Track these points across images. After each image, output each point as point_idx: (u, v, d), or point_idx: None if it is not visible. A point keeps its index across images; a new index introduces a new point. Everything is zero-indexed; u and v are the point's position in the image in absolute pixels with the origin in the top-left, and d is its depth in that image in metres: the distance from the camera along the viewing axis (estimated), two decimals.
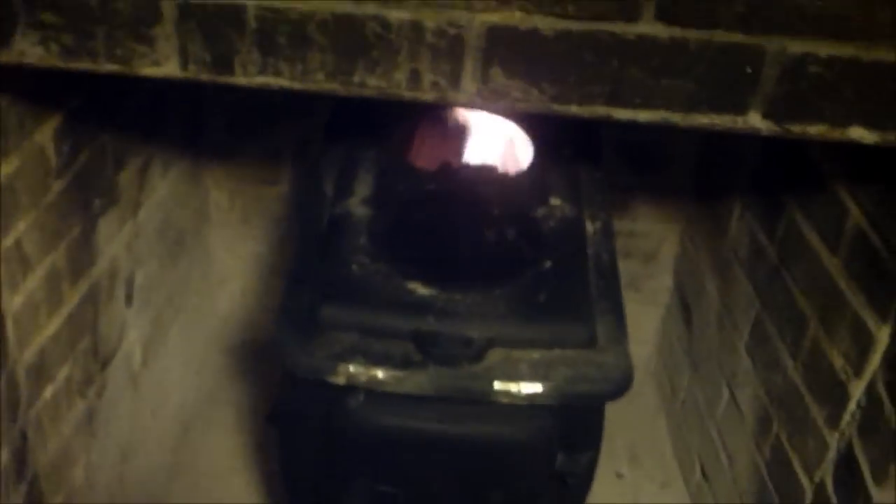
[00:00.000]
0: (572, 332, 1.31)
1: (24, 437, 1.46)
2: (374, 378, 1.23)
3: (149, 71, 1.12)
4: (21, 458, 1.45)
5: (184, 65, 1.11)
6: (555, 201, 1.49)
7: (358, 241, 1.38)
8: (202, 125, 2.12)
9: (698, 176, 2.23)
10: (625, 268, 2.22)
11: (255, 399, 2.26)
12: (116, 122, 1.66)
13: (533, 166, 1.49)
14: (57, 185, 1.48)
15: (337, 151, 1.54)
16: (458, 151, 1.50)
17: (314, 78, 1.10)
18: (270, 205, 2.25)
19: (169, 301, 2.06)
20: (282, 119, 2.09)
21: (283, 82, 1.11)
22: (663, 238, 2.27)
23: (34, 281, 1.45)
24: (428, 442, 1.31)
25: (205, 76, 1.12)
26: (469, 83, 1.11)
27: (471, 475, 1.35)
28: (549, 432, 1.32)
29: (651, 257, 2.28)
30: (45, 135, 1.41)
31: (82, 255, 1.61)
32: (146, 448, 1.98)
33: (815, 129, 1.14)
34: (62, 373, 1.58)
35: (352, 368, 1.23)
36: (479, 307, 1.31)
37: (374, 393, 1.27)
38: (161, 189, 1.94)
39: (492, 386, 1.25)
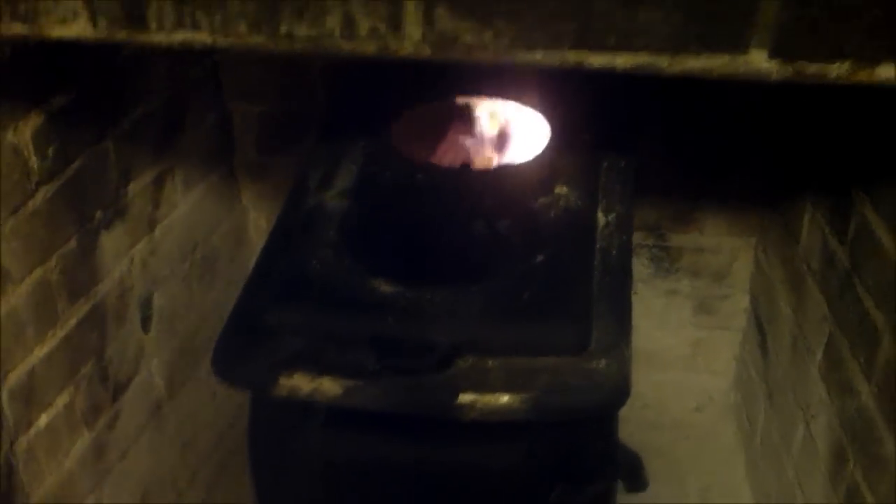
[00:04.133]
0: (558, 335, 1.15)
1: (9, 465, 1.39)
2: (321, 390, 1.08)
3: (58, 31, 1.03)
4: (6, 489, 1.38)
5: (93, 21, 1.03)
6: (560, 190, 1.33)
7: (326, 235, 1.26)
8: (231, 139, 2.03)
9: (768, 178, 2.02)
10: (694, 288, 2.07)
11: None
12: (121, 128, 1.60)
13: (542, 153, 1.33)
14: (43, 192, 1.41)
15: (328, 144, 1.43)
16: (456, 139, 1.36)
17: (236, 30, 1.00)
18: None
19: (201, 327, 1.96)
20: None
21: (203, 38, 1.01)
22: (735, 253, 2.07)
23: (17, 296, 1.38)
24: (401, 471, 1.18)
25: (119, 35, 1.03)
26: (413, 28, 0.98)
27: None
28: (540, 457, 1.15)
29: (722, 275, 2.08)
30: (21, 136, 1.35)
31: (81, 271, 1.54)
32: (174, 486, 1.89)
33: (836, 70, 0.94)
34: (61, 399, 1.51)
35: (295, 381, 1.08)
36: (450, 307, 1.16)
37: (337, 412, 1.11)
38: (183, 205, 1.86)
39: (455, 398, 1.08)
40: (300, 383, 1.09)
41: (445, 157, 1.36)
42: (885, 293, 1.44)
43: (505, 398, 1.09)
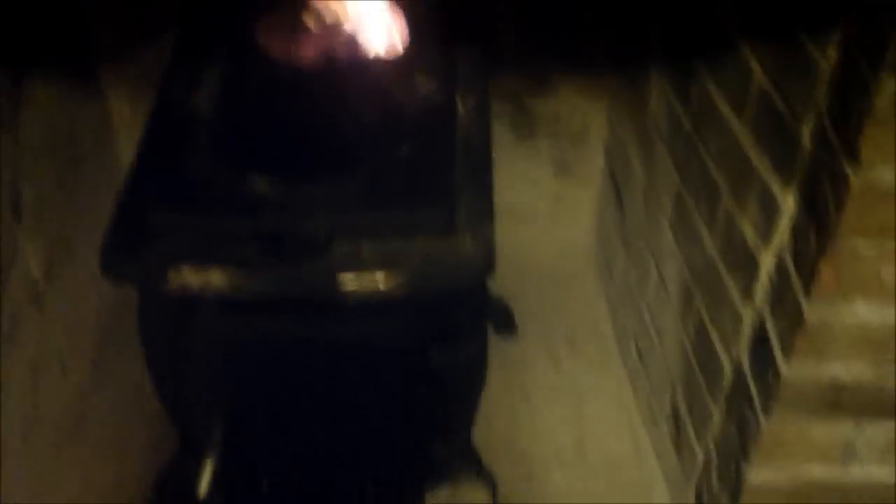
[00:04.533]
0: (426, 217, 1.24)
1: None
2: (210, 283, 1.16)
3: None
4: None
5: None
6: (420, 80, 1.40)
7: (197, 139, 1.31)
8: (86, 27, 2.01)
9: (616, 45, 2.12)
10: (553, 151, 2.18)
11: None
12: None
13: (399, 47, 1.39)
14: None
15: (192, 42, 1.47)
16: (315, 35, 1.39)
17: None
18: None
19: (74, 215, 1.99)
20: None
21: None
22: (590, 117, 2.17)
23: None
24: (288, 351, 1.27)
25: None
26: None
27: (341, 383, 1.31)
28: (412, 326, 1.27)
29: (579, 139, 2.19)
30: None
31: None
32: (61, 364, 1.95)
33: None
34: None
35: (185, 274, 1.17)
36: (324, 199, 1.25)
37: (224, 302, 1.20)
38: (45, 99, 1.86)
39: (336, 280, 1.18)
40: (189, 278, 1.16)
41: (306, 53, 1.39)
42: (725, 154, 1.59)
43: (379, 278, 1.18)
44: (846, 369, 1.42)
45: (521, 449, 1.79)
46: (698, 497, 1.79)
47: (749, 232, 1.52)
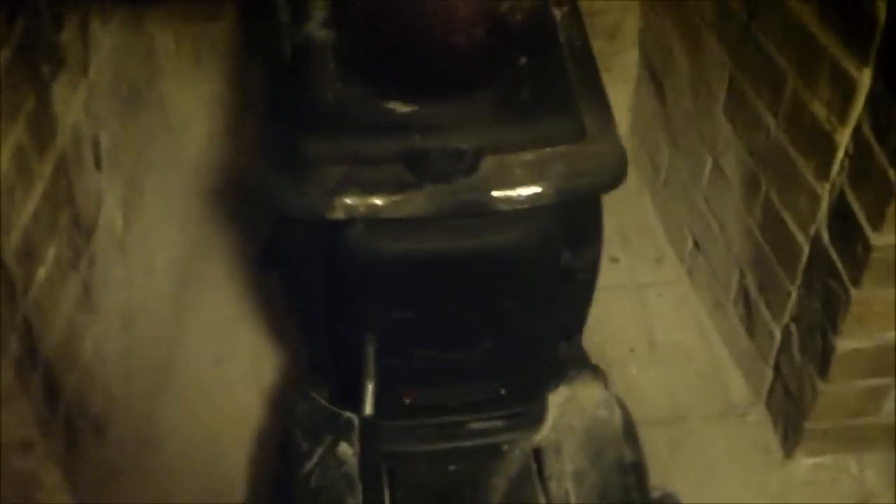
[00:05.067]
0: (561, 127, 1.28)
1: (27, 323, 1.45)
2: (373, 206, 1.20)
3: None
4: (29, 345, 1.44)
5: None
6: None
7: (327, 67, 1.32)
8: None
9: None
10: None
11: (243, 244, 2.26)
12: None
13: None
14: (1, 58, 1.42)
15: None
16: None
17: None
18: (219, 41, 2.19)
19: (138, 158, 2.02)
20: None
21: None
22: (624, 12, 2.21)
23: (2, 162, 1.41)
24: (435, 261, 1.30)
25: None
26: None
27: (482, 288, 1.34)
28: (552, 232, 1.31)
29: (614, 34, 2.23)
30: None
31: (43, 126, 1.57)
32: (146, 312, 1.98)
33: None
34: (50, 252, 1.56)
35: (348, 200, 1.20)
36: (464, 117, 1.28)
37: (371, 221, 1.23)
38: (105, 42, 1.88)
39: (490, 195, 1.22)
40: (354, 203, 1.21)
41: None
42: (788, 38, 1.63)
43: (530, 188, 1.23)
44: None
45: (597, 345, 1.84)
46: (776, 372, 1.88)
47: (821, 112, 1.57)
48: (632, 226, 2.29)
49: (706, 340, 2.09)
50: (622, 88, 2.34)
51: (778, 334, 1.85)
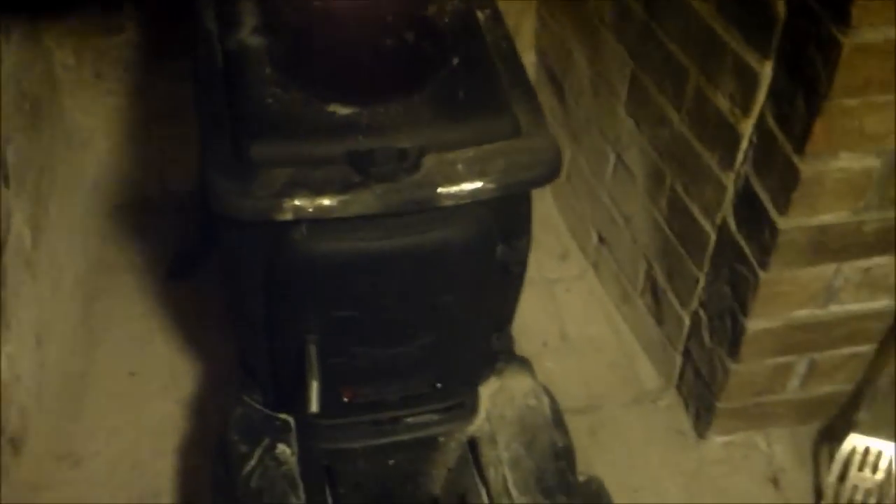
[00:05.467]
0: (498, 124, 1.32)
1: None
2: (321, 207, 1.21)
3: None
4: None
5: None
6: None
7: (263, 72, 1.33)
8: None
9: None
10: None
11: (150, 259, 2.23)
12: None
13: None
14: None
15: None
16: None
17: None
18: (121, 55, 2.15)
19: (42, 174, 1.99)
20: None
21: None
22: (520, 15, 2.26)
23: None
24: (378, 260, 1.32)
25: None
26: None
27: (424, 284, 1.37)
28: (490, 226, 1.34)
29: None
30: None
31: None
32: (57, 328, 1.97)
33: None
34: None
35: (297, 202, 1.21)
36: (404, 117, 1.30)
37: (316, 221, 1.25)
38: (8, 57, 1.84)
39: (435, 191, 1.25)
40: (302, 204, 1.22)
41: None
42: (689, 35, 1.69)
43: (473, 184, 1.26)
44: (832, 216, 1.58)
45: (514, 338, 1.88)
46: (686, 357, 1.95)
47: (724, 105, 1.64)
48: (535, 223, 2.32)
49: (616, 331, 2.15)
50: None
51: (687, 320, 1.91)
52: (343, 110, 1.30)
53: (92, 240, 2.24)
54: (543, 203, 2.40)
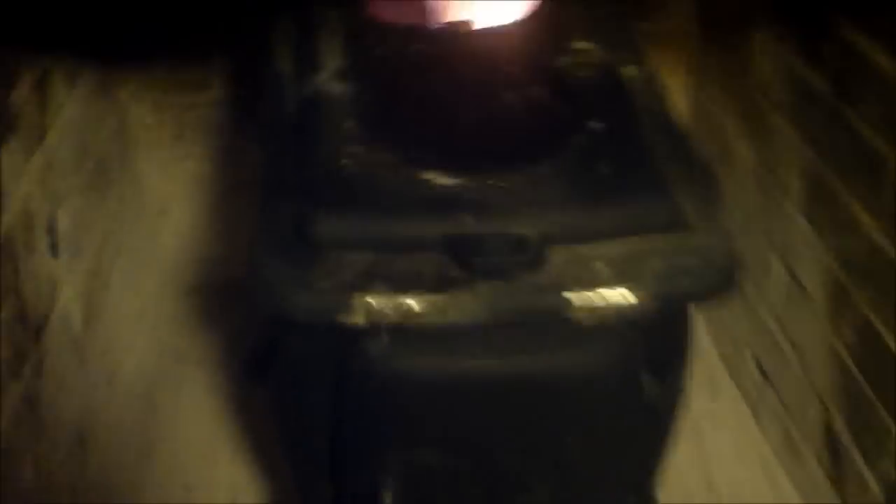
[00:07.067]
0: (653, 210, 1.03)
1: None
2: (405, 309, 0.93)
3: None
4: None
5: None
6: (580, 45, 1.21)
7: (342, 127, 1.09)
8: (109, 22, 1.82)
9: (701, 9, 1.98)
10: None
11: (227, 351, 2.03)
12: None
13: (539, 5, 1.23)
14: None
15: (288, 18, 1.28)
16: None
17: None
18: (205, 114, 2.01)
19: (104, 245, 1.83)
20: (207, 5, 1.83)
21: None
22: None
23: None
24: (479, 387, 1.04)
25: None
26: None
27: (539, 423, 1.08)
28: (634, 350, 1.05)
29: None
30: None
31: None
32: (107, 427, 1.78)
33: None
34: None
35: (372, 300, 0.94)
36: (525, 194, 1.03)
37: (401, 330, 0.97)
38: (70, 107, 1.69)
39: (563, 297, 0.95)
40: (380, 304, 0.94)
41: (429, 17, 1.21)
42: (889, 120, 1.40)
43: (617, 290, 0.97)
44: None
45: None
46: None
47: None
48: None
49: (775, 485, 1.83)
50: None
51: (875, 486, 1.57)
52: (443, 180, 1.03)
53: (160, 324, 2.07)
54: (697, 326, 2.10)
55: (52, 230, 1.59)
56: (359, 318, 0.94)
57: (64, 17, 1.64)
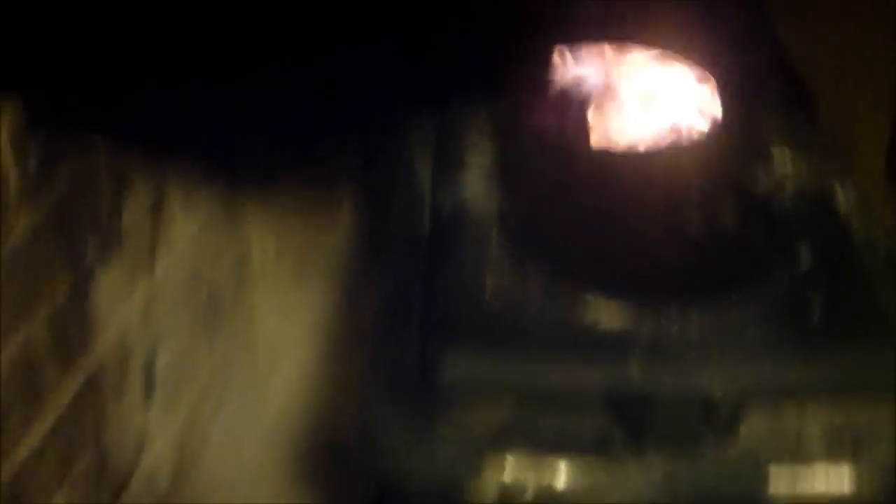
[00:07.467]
0: (881, 363, 0.83)
1: None
2: (552, 485, 0.77)
3: None
4: None
5: None
6: (779, 160, 1.05)
7: (486, 244, 0.96)
8: (234, 142, 1.74)
9: None
10: None
11: None
12: (112, 128, 1.31)
13: (726, 115, 1.05)
14: (24, 220, 1.12)
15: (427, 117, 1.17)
16: (607, 105, 1.08)
17: None
18: (331, 255, 1.87)
19: (206, 393, 1.70)
20: (340, 127, 1.72)
21: None
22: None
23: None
24: None
25: None
26: None
27: None
28: None
29: None
30: None
31: (74, 327, 1.26)
32: None
33: None
34: None
35: (511, 471, 0.77)
36: (714, 340, 0.86)
37: None
38: (186, 232, 1.59)
39: (763, 475, 0.77)
40: (520, 476, 0.77)
41: (602, 131, 1.06)
42: None
43: (838, 470, 0.78)
44: None
45: None
46: None
47: None
48: None
49: None
50: None
51: None
52: (609, 315, 0.88)
53: (258, 490, 1.85)
54: None
55: (148, 371, 1.48)
56: (491, 496, 0.77)
57: (186, 129, 1.54)
